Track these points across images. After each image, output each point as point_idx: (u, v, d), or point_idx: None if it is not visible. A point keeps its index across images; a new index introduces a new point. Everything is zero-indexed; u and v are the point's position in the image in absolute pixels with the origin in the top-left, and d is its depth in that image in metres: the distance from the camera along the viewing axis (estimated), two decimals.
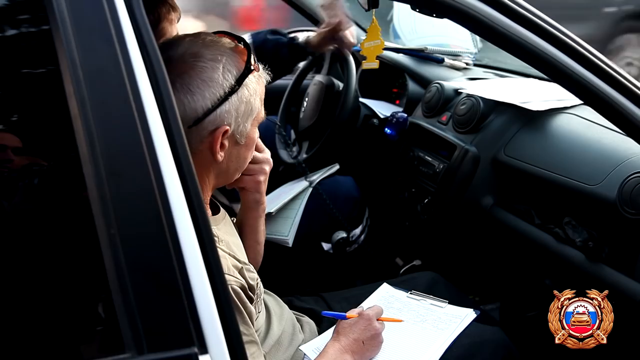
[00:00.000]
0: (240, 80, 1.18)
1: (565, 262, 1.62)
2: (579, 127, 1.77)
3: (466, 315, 1.50)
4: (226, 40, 1.23)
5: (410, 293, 1.60)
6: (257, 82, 1.23)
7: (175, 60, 1.17)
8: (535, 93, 2.00)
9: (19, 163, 0.92)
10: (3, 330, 0.89)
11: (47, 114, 0.94)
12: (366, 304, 1.57)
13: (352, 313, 1.39)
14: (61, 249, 0.92)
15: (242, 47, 1.23)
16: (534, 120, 1.88)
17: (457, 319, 1.49)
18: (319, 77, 2.36)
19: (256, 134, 1.29)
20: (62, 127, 0.89)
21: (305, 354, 1.39)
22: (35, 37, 0.94)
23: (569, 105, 1.87)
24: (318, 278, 2.19)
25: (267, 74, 1.29)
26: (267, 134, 2.34)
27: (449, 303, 1.55)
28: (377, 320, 1.38)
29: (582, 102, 1.81)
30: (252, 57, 1.22)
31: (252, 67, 1.21)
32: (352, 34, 2.26)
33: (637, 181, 1.42)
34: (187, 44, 1.19)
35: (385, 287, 1.66)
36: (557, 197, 1.73)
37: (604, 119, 1.38)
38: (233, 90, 1.17)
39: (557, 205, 1.74)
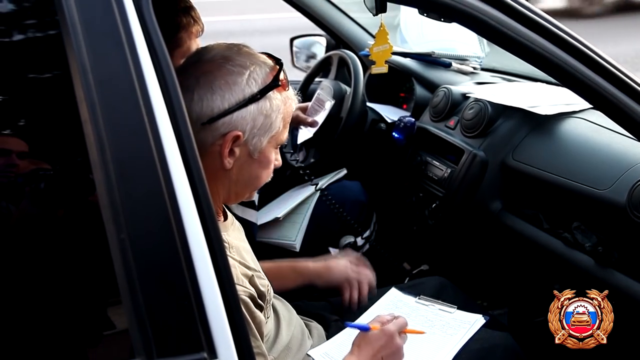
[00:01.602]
0: (263, 92, 1.18)
1: (574, 267, 1.61)
2: (588, 132, 1.76)
3: (475, 321, 1.49)
4: (262, 55, 1.23)
5: (419, 298, 1.60)
6: (282, 102, 1.22)
7: (204, 61, 1.19)
8: (543, 97, 1.99)
9: (30, 167, 0.92)
10: (13, 336, 0.89)
11: (58, 118, 0.95)
12: (374, 309, 1.57)
13: (375, 324, 1.32)
14: (71, 254, 0.92)
15: (276, 65, 1.23)
16: (542, 125, 1.87)
17: (466, 324, 1.48)
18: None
19: (274, 156, 1.27)
20: (73, 132, 0.89)
21: (313, 359, 1.39)
22: (46, 42, 0.94)
23: (577, 109, 1.86)
24: None
25: (299, 98, 1.29)
26: None
27: (457, 308, 1.54)
28: (400, 333, 1.31)
29: (590, 106, 1.81)
30: (284, 75, 1.22)
31: (280, 83, 1.21)
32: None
33: None
34: (222, 49, 1.21)
35: (393, 291, 1.65)
36: (565, 201, 1.73)
37: (612, 123, 1.37)
38: (254, 98, 1.17)
39: (566, 210, 1.73)
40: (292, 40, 2.99)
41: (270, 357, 1.30)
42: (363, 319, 1.53)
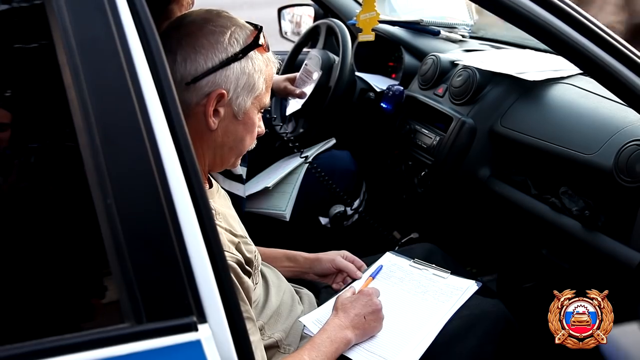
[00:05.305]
0: (245, 51, 1.19)
1: (562, 232, 1.62)
2: (576, 97, 1.76)
3: (468, 288, 1.49)
4: (241, 20, 1.24)
5: (413, 261, 1.60)
6: (264, 64, 1.23)
7: (186, 24, 1.20)
8: (531, 64, 1.99)
9: (14, 135, 0.92)
10: (6, 301, 0.89)
11: (41, 86, 0.94)
12: (369, 273, 1.58)
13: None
14: (58, 221, 0.92)
15: (255, 29, 1.24)
16: (531, 91, 1.87)
17: (458, 290, 1.48)
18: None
19: (257, 118, 1.27)
20: (56, 98, 0.88)
21: (304, 325, 1.40)
22: (28, 12, 0.92)
23: (565, 75, 1.86)
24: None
25: (279, 62, 1.30)
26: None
27: (450, 273, 1.55)
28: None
29: (578, 72, 1.81)
30: (263, 38, 1.23)
31: (261, 44, 1.22)
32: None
33: (633, 149, 1.42)
34: (202, 13, 1.23)
35: (388, 255, 1.66)
36: (553, 167, 1.74)
37: (600, 88, 1.37)
38: (236, 57, 1.18)
39: (553, 175, 1.74)
40: (279, 10, 2.96)
41: (259, 322, 1.32)
42: (356, 284, 1.54)
